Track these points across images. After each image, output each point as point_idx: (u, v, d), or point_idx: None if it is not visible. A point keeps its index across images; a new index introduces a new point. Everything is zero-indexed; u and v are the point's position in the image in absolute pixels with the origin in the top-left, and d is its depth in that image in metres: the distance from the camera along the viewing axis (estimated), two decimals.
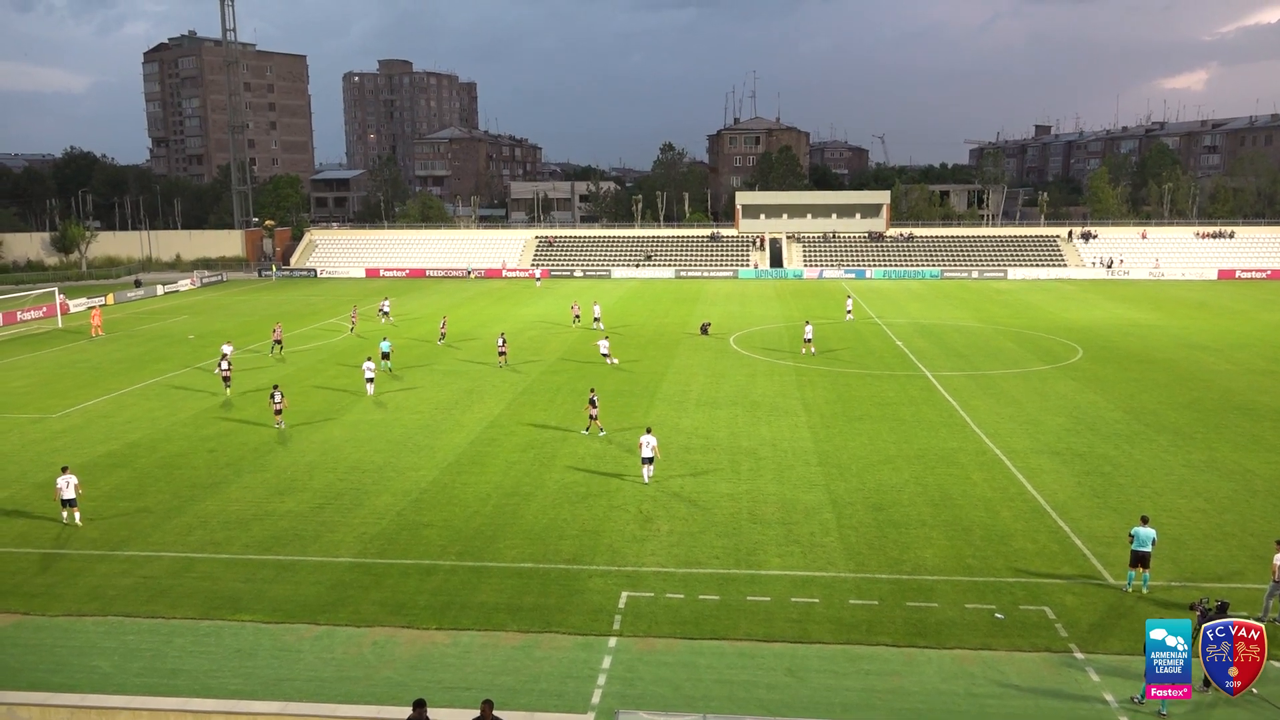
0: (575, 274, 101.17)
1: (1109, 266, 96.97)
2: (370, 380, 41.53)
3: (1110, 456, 31.03)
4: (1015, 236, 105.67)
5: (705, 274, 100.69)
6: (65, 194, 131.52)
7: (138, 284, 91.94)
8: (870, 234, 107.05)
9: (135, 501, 27.44)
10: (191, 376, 46.03)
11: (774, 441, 33.05)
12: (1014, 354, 50.56)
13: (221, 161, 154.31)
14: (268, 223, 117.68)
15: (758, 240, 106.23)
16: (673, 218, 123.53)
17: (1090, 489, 27.76)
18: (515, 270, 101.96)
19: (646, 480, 28.46)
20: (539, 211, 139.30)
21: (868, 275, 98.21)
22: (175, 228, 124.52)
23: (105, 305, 77.28)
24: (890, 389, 41.57)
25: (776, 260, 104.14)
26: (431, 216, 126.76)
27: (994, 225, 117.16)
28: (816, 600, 20.50)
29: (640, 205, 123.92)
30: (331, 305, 72.54)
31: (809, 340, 51.04)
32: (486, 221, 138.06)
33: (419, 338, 57.31)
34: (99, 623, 19.90)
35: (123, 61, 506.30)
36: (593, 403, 34.38)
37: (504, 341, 48.96)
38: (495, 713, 13.82)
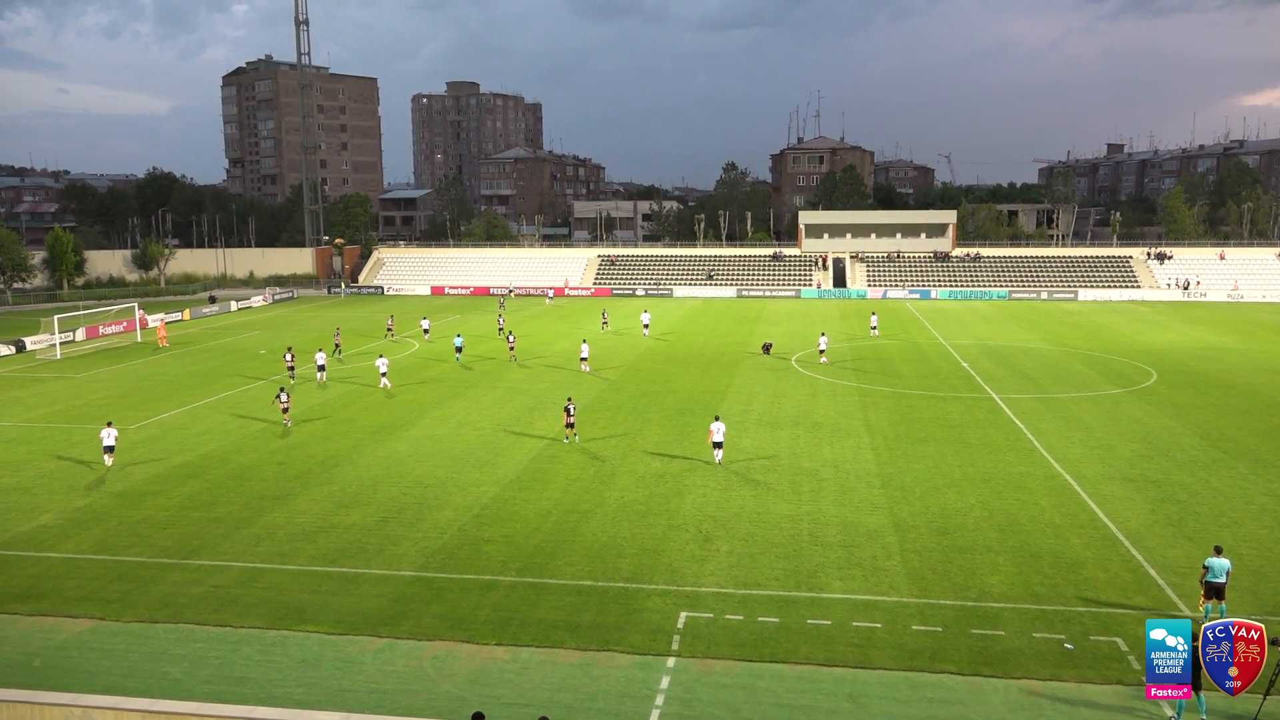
0: (637, 292, 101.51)
1: (1185, 288, 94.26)
2: (384, 374, 46.65)
3: (1186, 484, 30.04)
4: (1086, 257, 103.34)
5: (767, 293, 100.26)
6: (146, 213, 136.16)
7: (212, 300, 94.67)
8: (936, 254, 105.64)
9: (207, 512, 28.14)
10: (263, 390, 47.14)
11: (836, 463, 32.68)
12: (1085, 377, 49.34)
13: (294, 181, 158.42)
14: (337, 241, 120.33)
15: (821, 260, 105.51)
16: (735, 237, 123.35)
17: (1165, 517, 26.89)
18: (578, 289, 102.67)
19: (718, 462, 31.58)
20: (602, 230, 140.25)
21: (933, 295, 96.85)
22: (249, 246, 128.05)
23: (182, 320, 79.81)
24: (955, 411, 40.85)
25: (840, 280, 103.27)
26: (496, 235, 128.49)
27: (1064, 245, 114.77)
28: (879, 625, 20.16)
29: (703, 224, 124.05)
30: (398, 323, 73.80)
31: (823, 351, 54.33)
32: (550, 240, 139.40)
33: (483, 355, 57.92)
34: (170, 630, 20.41)
35: (203, 85, 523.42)
36: (568, 411, 35.71)
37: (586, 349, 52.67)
38: None
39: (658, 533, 25.84)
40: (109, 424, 34.06)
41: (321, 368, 49.79)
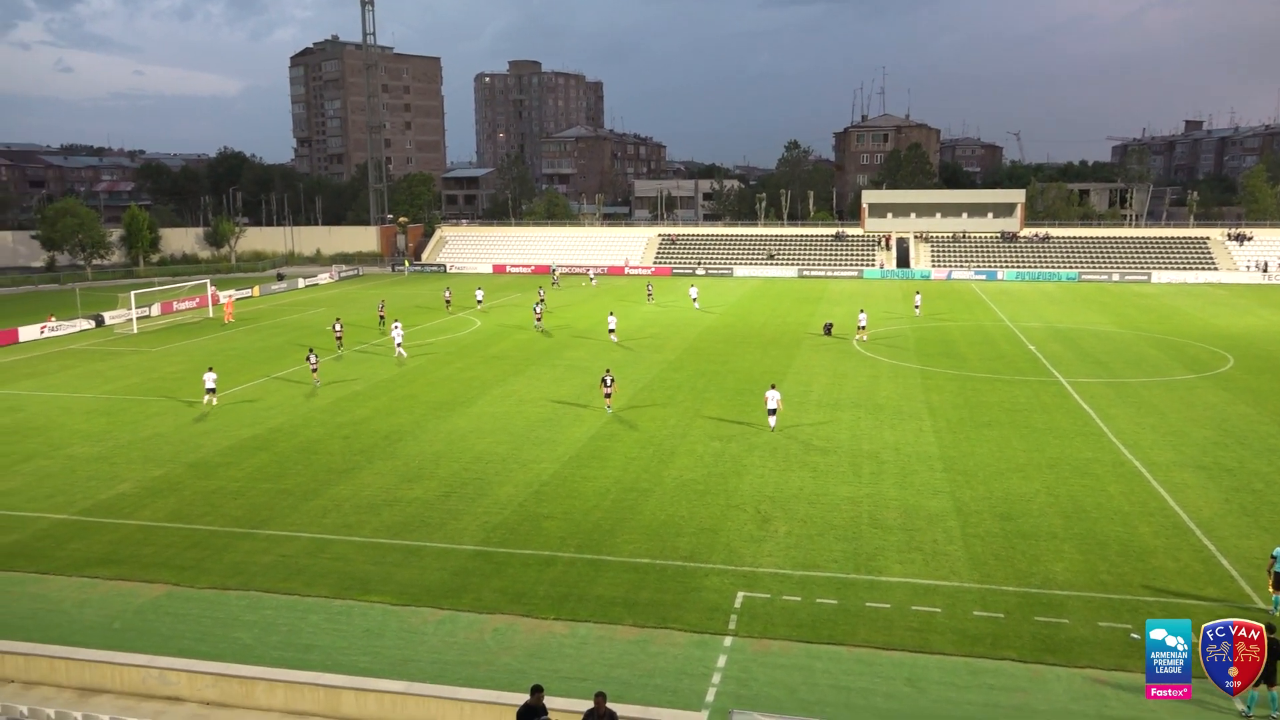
0: (698, 272, 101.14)
1: (1265, 270, 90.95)
2: (399, 344, 49.54)
3: (1263, 473, 29.11)
4: (1161, 238, 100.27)
5: (829, 273, 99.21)
6: (217, 191, 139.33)
7: (280, 277, 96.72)
8: (1003, 234, 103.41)
9: (276, 483, 28.88)
10: (329, 366, 48.09)
11: (897, 445, 32.33)
12: (1157, 361, 48.01)
13: (360, 160, 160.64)
14: (401, 219, 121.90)
15: (884, 240, 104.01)
16: (796, 216, 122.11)
17: (1240, 506, 26.12)
18: (638, 268, 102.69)
19: (772, 428, 33.47)
20: (662, 209, 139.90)
21: (999, 277, 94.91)
22: (316, 224, 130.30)
23: (251, 296, 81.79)
24: (1021, 395, 40.08)
25: (903, 260, 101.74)
26: (557, 214, 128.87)
27: (1138, 226, 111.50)
28: (938, 610, 19.96)
29: (764, 203, 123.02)
30: (460, 299, 74.64)
31: (862, 328, 55.20)
32: (610, 219, 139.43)
33: (542, 333, 58.30)
34: (241, 597, 21.04)
35: (271, 66, 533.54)
36: (605, 382, 37.15)
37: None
38: (609, 705, 13.96)
39: (716, 512, 25.87)
40: (210, 369, 40.38)
41: (399, 344, 50.76)
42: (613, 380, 37.56)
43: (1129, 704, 16.43)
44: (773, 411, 33.99)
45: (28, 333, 58.94)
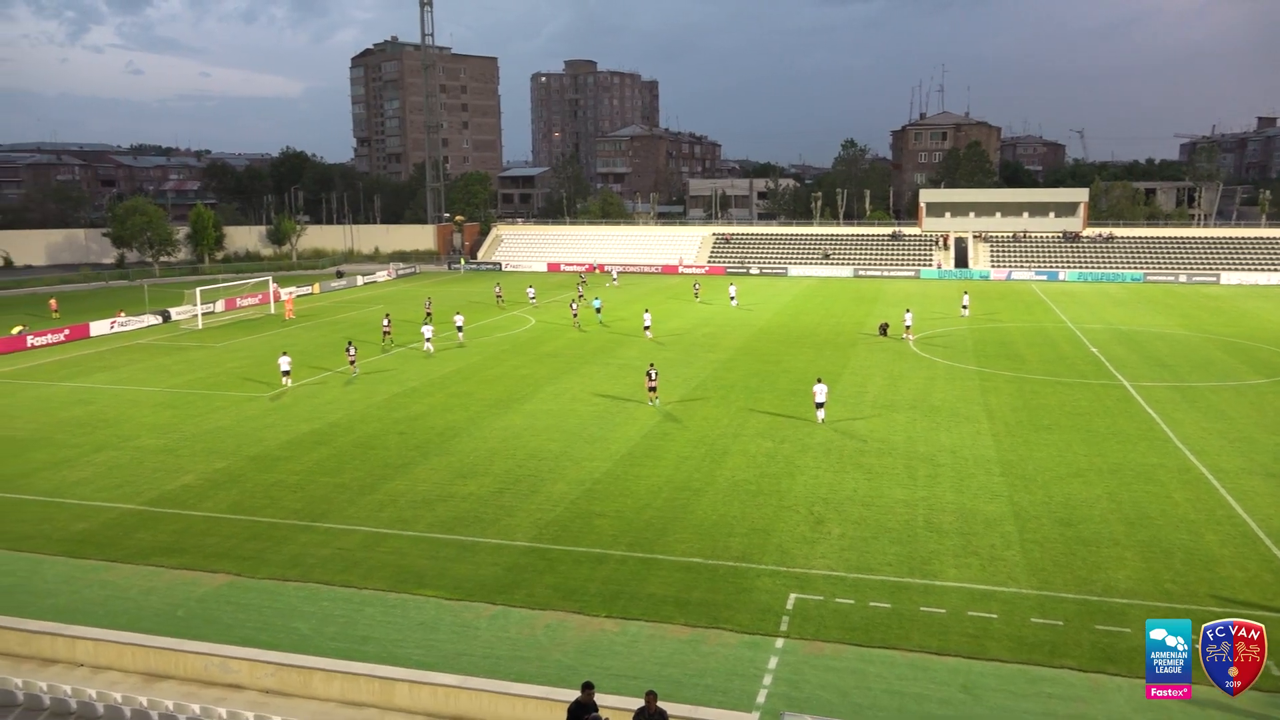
0: (751, 271, 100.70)
1: None
2: (429, 340, 51.22)
3: None
4: (1231, 238, 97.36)
5: (885, 273, 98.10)
6: (280, 190, 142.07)
7: (340, 274, 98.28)
8: (1065, 234, 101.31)
9: (334, 477, 29.40)
10: (385, 362, 48.81)
11: (953, 448, 31.87)
12: (1226, 365, 46.66)
13: (418, 160, 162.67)
14: (457, 218, 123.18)
15: (942, 239, 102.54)
16: (852, 215, 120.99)
17: None
18: (692, 267, 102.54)
19: (820, 421, 34.30)
20: (716, 208, 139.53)
21: (1060, 277, 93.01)
22: (375, 222, 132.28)
23: (312, 294, 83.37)
24: (1083, 398, 39.24)
25: (962, 260, 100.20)
26: (611, 213, 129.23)
27: (1206, 225, 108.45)
28: (995, 616, 19.64)
29: (819, 202, 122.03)
30: (513, 296, 75.23)
31: (908, 327, 54.83)
32: (664, 218, 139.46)
33: (595, 331, 58.52)
34: (299, 588, 21.46)
35: (332, 67, 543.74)
36: (650, 376, 38.28)
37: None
38: (659, 704, 13.97)
39: (768, 513, 25.75)
40: (284, 353, 44.47)
41: (460, 328, 55.31)
42: (656, 374, 38.45)
43: (1193, 716, 16.01)
44: (820, 405, 34.74)
45: (99, 327, 60.74)
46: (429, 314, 61.61)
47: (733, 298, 72.76)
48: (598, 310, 64.61)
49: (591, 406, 38.38)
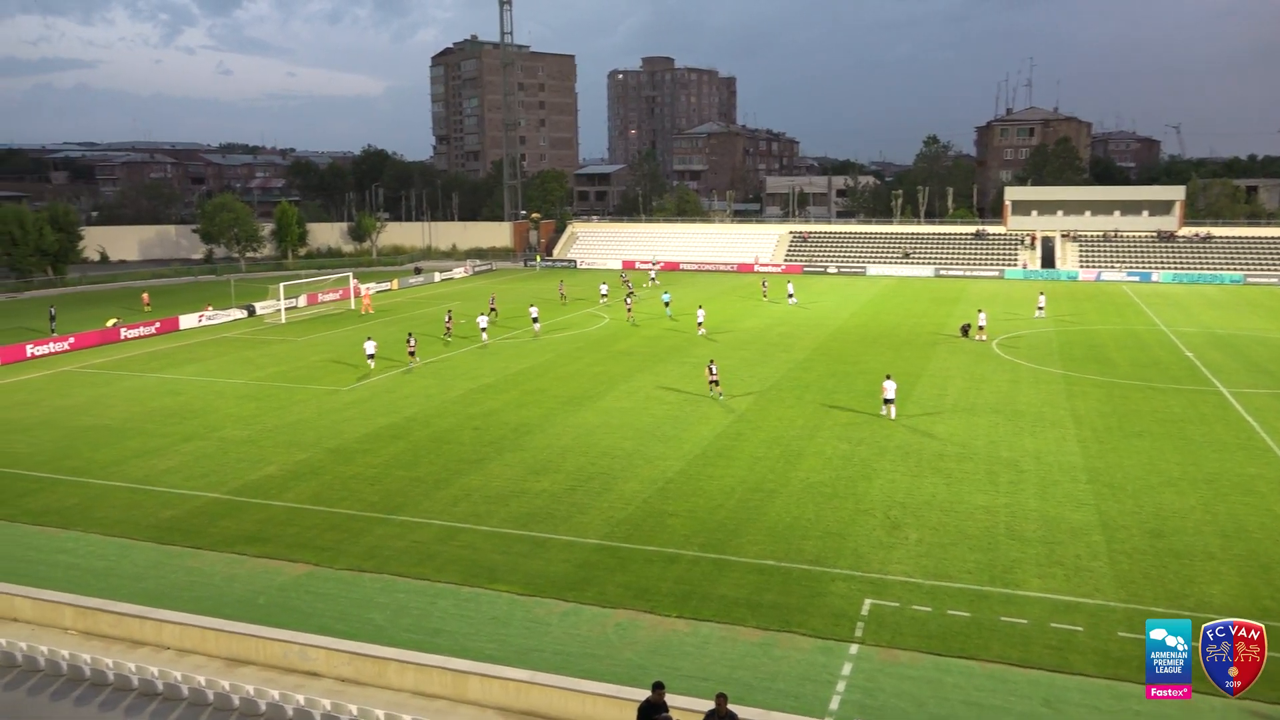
0: (829, 270, 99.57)
1: None
2: (484, 330, 53.98)
3: None
4: None
5: (967, 273, 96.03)
6: (361, 188, 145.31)
7: (418, 271, 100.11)
8: (1159, 233, 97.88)
9: (409, 471, 29.95)
10: (462, 359, 49.56)
11: (1038, 454, 31.07)
12: None
13: (495, 157, 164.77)
14: (534, 215, 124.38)
15: (1028, 239, 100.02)
16: (934, 214, 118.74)
17: None
18: (767, 266, 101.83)
19: (892, 417, 34.96)
20: (794, 206, 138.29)
21: (1153, 278, 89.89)
22: (452, 219, 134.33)
23: (391, 290, 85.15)
24: (1176, 404, 37.88)
25: (1049, 260, 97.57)
26: (687, 210, 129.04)
27: None
28: (1080, 629, 19.08)
29: (900, 200, 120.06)
30: (590, 294, 75.66)
31: (982, 327, 53.81)
32: (741, 216, 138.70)
33: (673, 329, 58.53)
34: (375, 579, 21.92)
35: (413, 66, 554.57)
36: (710, 370, 39.63)
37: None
38: (730, 706, 13.90)
39: (844, 516, 25.45)
40: (369, 338, 48.06)
41: (535, 319, 58.01)
42: (717, 368, 39.92)
43: None
44: (889, 401, 35.30)
45: (187, 321, 63.00)
46: (493, 309, 63.16)
47: (790, 295, 72.57)
48: (666, 304, 65.80)
49: (665, 405, 38.40)
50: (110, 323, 59.00)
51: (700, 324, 57.04)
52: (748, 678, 17.38)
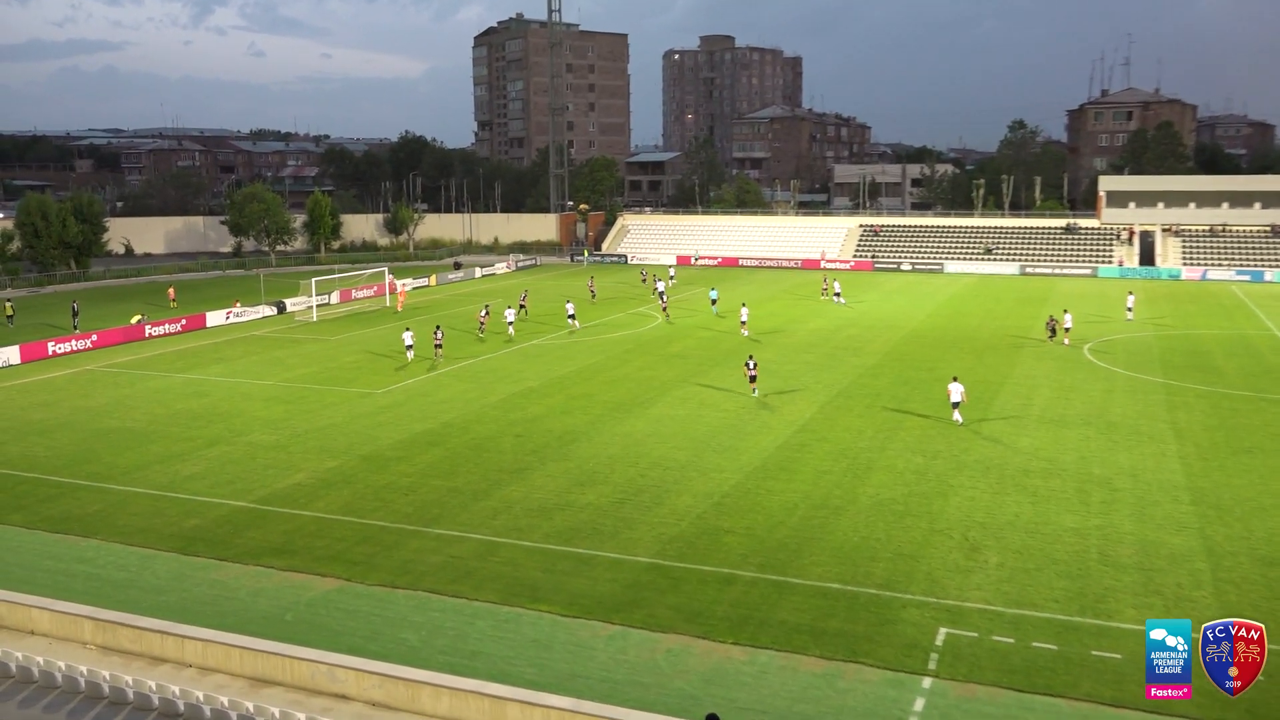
0: (902, 266, 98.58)
1: None
2: (510, 323, 56.81)
3: None
4: None
5: (1056, 271, 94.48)
6: (398, 177, 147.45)
7: (457, 266, 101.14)
8: (1274, 228, 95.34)
9: (447, 481, 30.22)
10: (502, 360, 49.93)
11: (1134, 471, 30.41)
12: None
13: (541, 144, 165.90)
14: (582, 206, 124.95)
15: (1124, 233, 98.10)
16: (1020, 205, 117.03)
17: None
18: (835, 262, 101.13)
19: (959, 422, 35.47)
20: (864, 197, 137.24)
21: (1266, 278, 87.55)
22: (495, 210, 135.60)
23: (428, 286, 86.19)
24: None
25: (1147, 257, 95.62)
26: (748, 201, 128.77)
27: None
28: None
29: (982, 191, 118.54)
30: (642, 292, 75.75)
31: (1068, 330, 53.33)
32: (806, 208, 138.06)
33: (728, 331, 58.38)
34: (409, 596, 22.14)
35: (454, 47, 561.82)
36: (749, 366, 40.99)
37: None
38: None
39: (917, 537, 25.15)
40: (407, 329, 51.94)
41: (572, 316, 60.17)
42: (755, 365, 41.03)
43: None
44: (955, 405, 35.74)
45: (214, 318, 64.32)
46: (522, 306, 64.79)
47: (837, 294, 72.64)
48: (713, 302, 67.03)
49: (721, 412, 38.29)
50: (135, 319, 60.48)
51: (743, 323, 56.88)
52: (809, 711, 17.23)
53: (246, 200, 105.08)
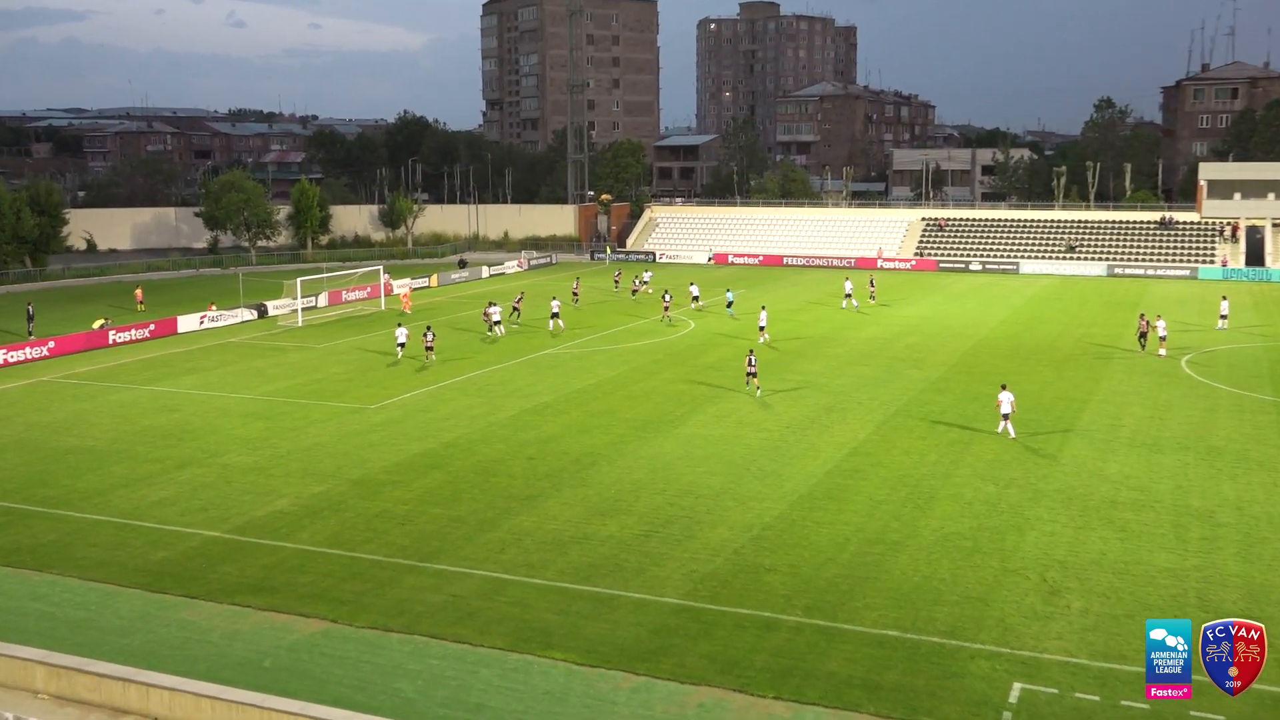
0: (970, 266, 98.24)
1: None
2: (498, 323, 59.89)
3: None
4: None
5: (1149, 271, 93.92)
6: (395, 162, 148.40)
7: (462, 264, 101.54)
8: None
9: (448, 509, 30.34)
10: (514, 372, 50.10)
11: (1240, 504, 30.14)
12: None
13: (558, 126, 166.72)
14: (604, 197, 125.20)
15: (1228, 228, 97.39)
16: (1107, 196, 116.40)
17: None
18: (894, 260, 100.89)
19: (1012, 436, 36.72)
20: (928, 187, 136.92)
21: None
22: (505, 200, 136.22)
23: (429, 287, 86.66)
24: None
25: (1255, 256, 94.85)
26: (793, 191, 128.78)
27: None
28: None
29: (1063, 179, 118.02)
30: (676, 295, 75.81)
31: (1163, 339, 53.02)
32: (860, 198, 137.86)
33: (763, 339, 58.35)
34: (404, 640, 22.20)
35: (460, 15, 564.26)
36: (749, 362, 43.97)
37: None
38: None
39: (987, 577, 25.01)
40: (399, 325, 55.64)
41: (555, 314, 62.18)
42: (755, 361, 44.09)
43: None
44: (1006, 416, 36.97)
45: (187, 323, 64.93)
46: (515, 309, 66.32)
47: (847, 295, 73.01)
48: (729, 304, 69.23)
49: (762, 433, 38.25)
50: (97, 324, 61.16)
51: (762, 329, 57.27)
52: None
53: (224, 189, 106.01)
